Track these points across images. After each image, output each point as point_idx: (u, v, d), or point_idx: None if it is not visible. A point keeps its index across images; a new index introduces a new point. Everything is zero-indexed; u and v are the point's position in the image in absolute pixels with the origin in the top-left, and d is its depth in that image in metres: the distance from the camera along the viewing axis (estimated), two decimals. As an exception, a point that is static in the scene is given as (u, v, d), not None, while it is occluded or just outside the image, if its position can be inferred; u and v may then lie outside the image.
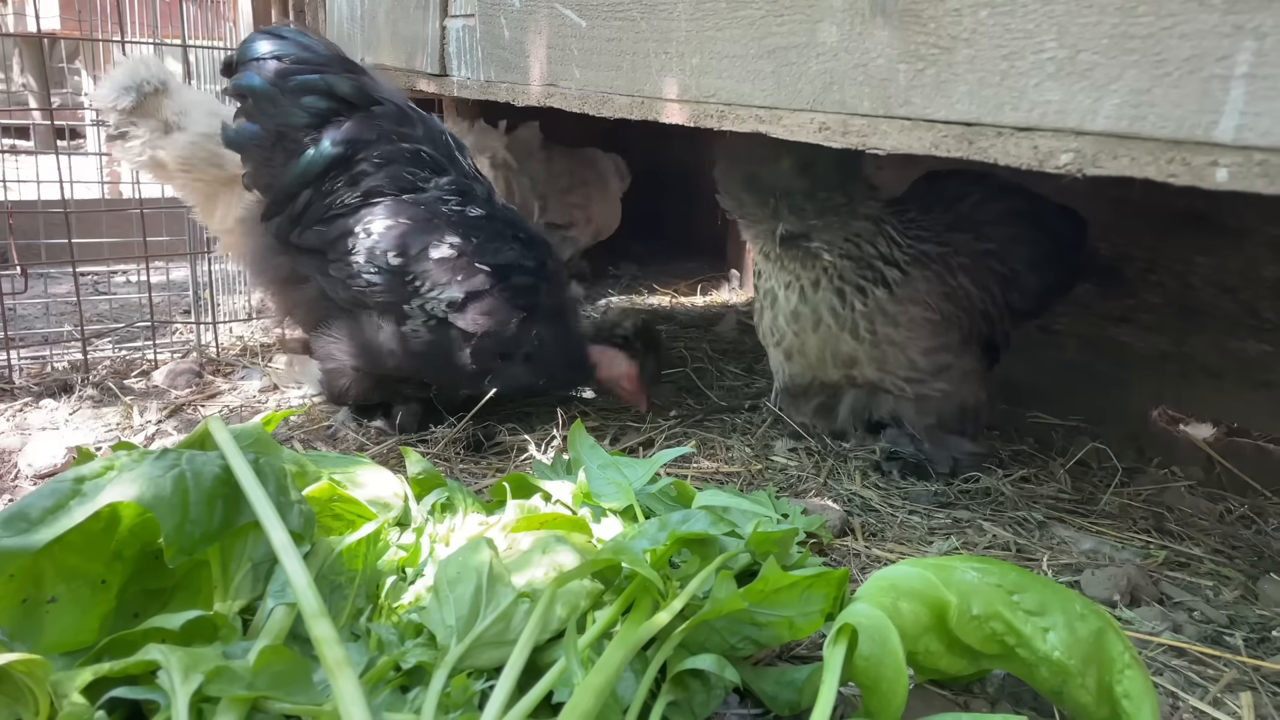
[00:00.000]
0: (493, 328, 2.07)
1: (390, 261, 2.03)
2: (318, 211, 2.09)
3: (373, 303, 2.09)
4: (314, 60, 2.06)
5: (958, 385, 2.10)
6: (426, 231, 2.05)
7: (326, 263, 2.11)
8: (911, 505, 1.98)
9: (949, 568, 1.30)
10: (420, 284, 2.04)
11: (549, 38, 1.95)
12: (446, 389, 2.22)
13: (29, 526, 1.14)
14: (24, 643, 1.20)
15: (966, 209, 2.20)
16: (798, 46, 1.41)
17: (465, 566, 1.25)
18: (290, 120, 2.05)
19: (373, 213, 2.06)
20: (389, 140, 2.08)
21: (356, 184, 2.07)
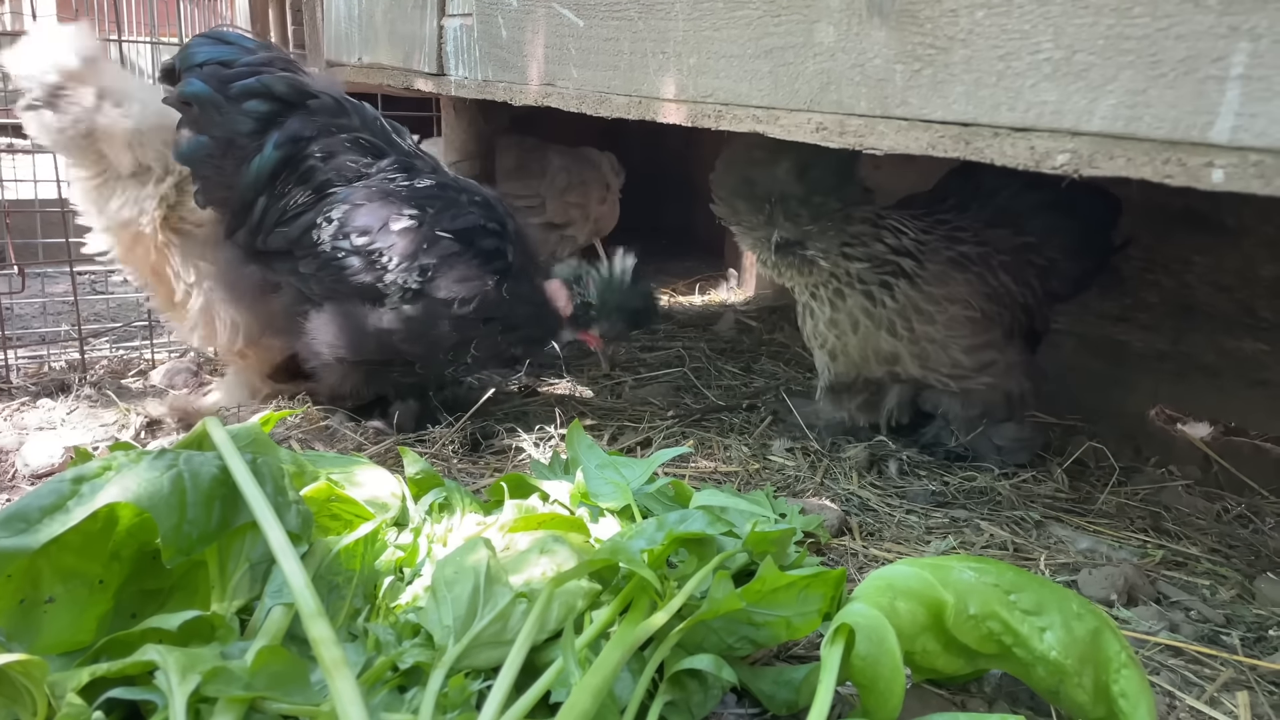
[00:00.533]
0: (468, 292, 2.06)
1: (355, 243, 2.04)
2: (275, 215, 2.10)
3: (348, 289, 2.08)
4: (253, 62, 2.06)
5: (1002, 378, 2.13)
6: (383, 208, 2.05)
7: (296, 261, 2.11)
8: (909, 505, 1.99)
9: (946, 567, 1.30)
10: (388, 259, 2.04)
11: (546, 37, 1.95)
12: (434, 366, 2.20)
13: (27, 527, 1.14)
14: (21, 643, 1.20)
15: (1004, 201, 2.21)
16: (795, 47, 1.41)
17: (463, 566, 1.25)
18: (237, 127, 2.05)
19: (328, 202, 2.07)
20: (328, 133, 2.09)
21: (307, 180, 2.09)
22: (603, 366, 2.44)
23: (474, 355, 2.15)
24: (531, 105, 2.06)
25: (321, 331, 2.13)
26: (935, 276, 2.06)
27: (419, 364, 2.17)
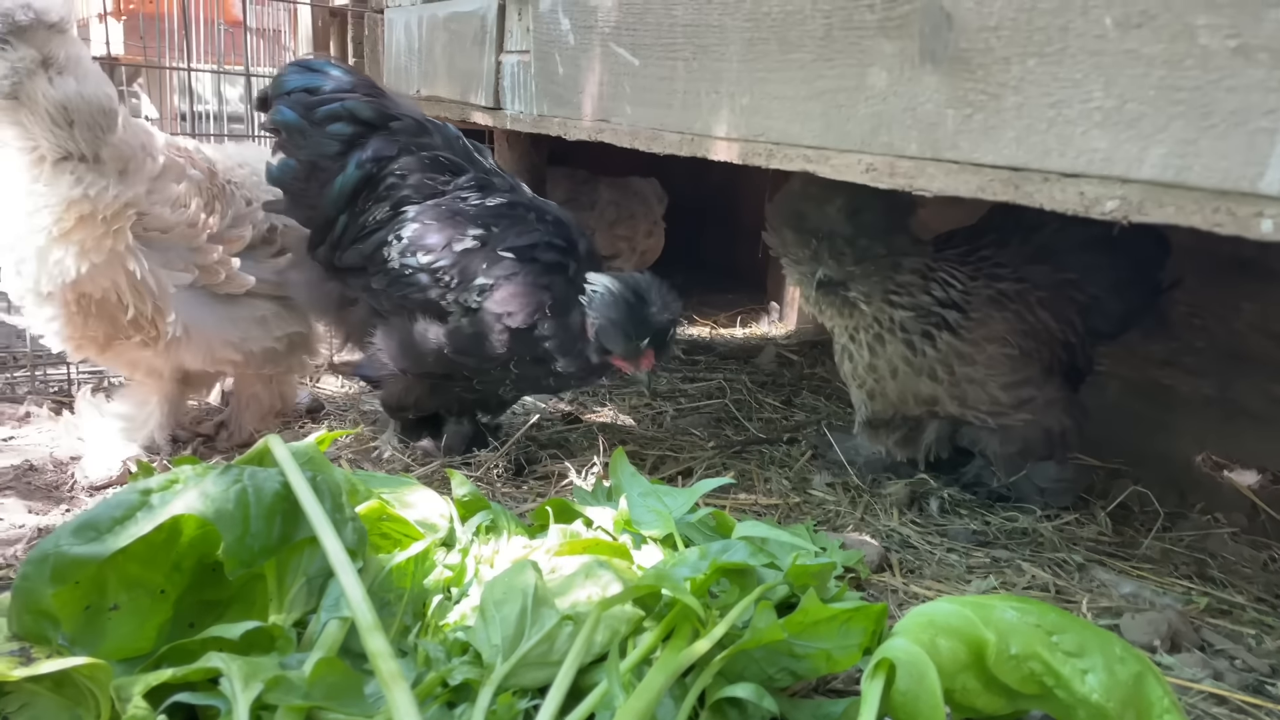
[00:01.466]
0: (523, 309, 2.06)
1: (421, 261, 2.08)
2: (354, 232, 2.17)
3: (412, 305, 2.13)
4: (339, 88, 2.14)
5: (1041, 414, 2.14)
6: (449, 228, 2.09)
7: (368, 277, 2.17)
8: (950, 543, 1.99)
9: (988, 606, 1.31)
10: (450, 278, 2.07)
11: (602, 75, 2.00)
12: (489, 383, 2.20)
13: (98, 535, 1.19)
14: (84, 648, 1.25)
15: (1045, 238, 2.22)
16: (847, 90, 1.45)
17: (511, 588, 1.28)
18: (321, 150, 2.14)
19: (401, 220, 2.13)
20: (409, 152, 2.16)
21: (385, 198, 2.15)
22: (644, 392, 2.42)
23: (518, 375, 2.15)
24: (585, 140, 2.11)
25: (388, 344, 2.18)
26: (976, 320, 2.07)
27: (477, 380, 2.18)
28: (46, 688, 1.21)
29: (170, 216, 2.12)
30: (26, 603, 1.19)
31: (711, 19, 1.68)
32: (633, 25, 1.88)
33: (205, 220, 2.18)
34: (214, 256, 2.19)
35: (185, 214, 2.15)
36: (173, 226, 2.13)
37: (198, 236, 2.17)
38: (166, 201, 2.12)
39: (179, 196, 2.15)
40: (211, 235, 2.19)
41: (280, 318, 2.35)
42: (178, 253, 2.16)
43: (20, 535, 1.91)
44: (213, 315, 2.23)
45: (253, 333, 2.28)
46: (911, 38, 1.34)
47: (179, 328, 2.13)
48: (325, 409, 2.70)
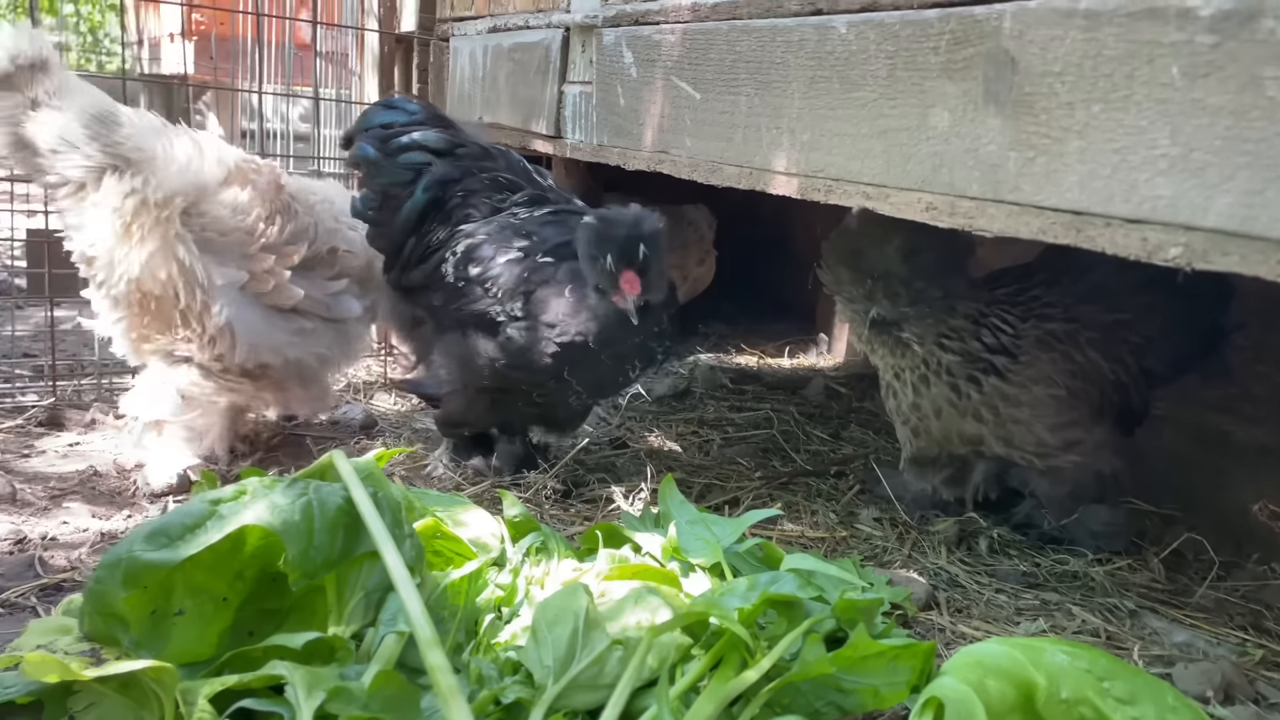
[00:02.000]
0: (565, 314, 2.06)
1: (471, 273, 2.14)
2: (419, 252, 2.25)
3: (466, 318, 2.18)
4: (411, 122, 2.25)
5: (1091, 456, 2.12)
6: (497, 241, 2.16)
7: (430, 294, 2.24)
8: (999, 584, 1.97)
9: (1038, 649, 1.30)
10: (496, 290, 2.12)
11: (663, 107, 2.04)
12: (551, 394, 2.20)
13: (169, 542, 1.23)
14: (148, 651, 1.29)
15: (1099, 278, 2.20)
16: (909, 129, 1.46)
17: (563, 610, 1.30)
18: (394, 179, 2.24)
19: (458, 236, 2.20)
20: (471, 174, 2.24)
21: (448, 219, 2.24)
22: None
23: (581, 379, 2.13)
24: (644, 170, 2.14)
25: (446, 360, 2.24)
26: (1024, 363, 2.06)
27: (536, 393, 2.20)
28: (113, 689, 1.25)
29: (229, 220, 2.22)
30: (98, 605, 1.24)
31: (775, 56, 1.71)
32: (696, 60, 1.92)
33: (263, 229, 2.27)
34: (265, 265, 2.27)
35: (244, 221, 2.24)
36: (230, 230, 2.23)
37: (253, 243, 2.26)
38: (227, 205, 2.23)
39: (241, 204, 2.25)
40: (266, 245, 2.27)
41: (320, 336, 2.41)
42: (231, 255, 2.25)
43: (84, 539, 1.97)
44: (259, 319, 2.29)
45: (293, 341, 2.35)
46: (975, 80, 1.36)
47: (223, 319, 2.19)
48: (379, 425, 2.75)
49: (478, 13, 2.85)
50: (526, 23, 2.58)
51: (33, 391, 2.78)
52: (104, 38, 16.44)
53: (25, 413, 2.62)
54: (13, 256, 4.22)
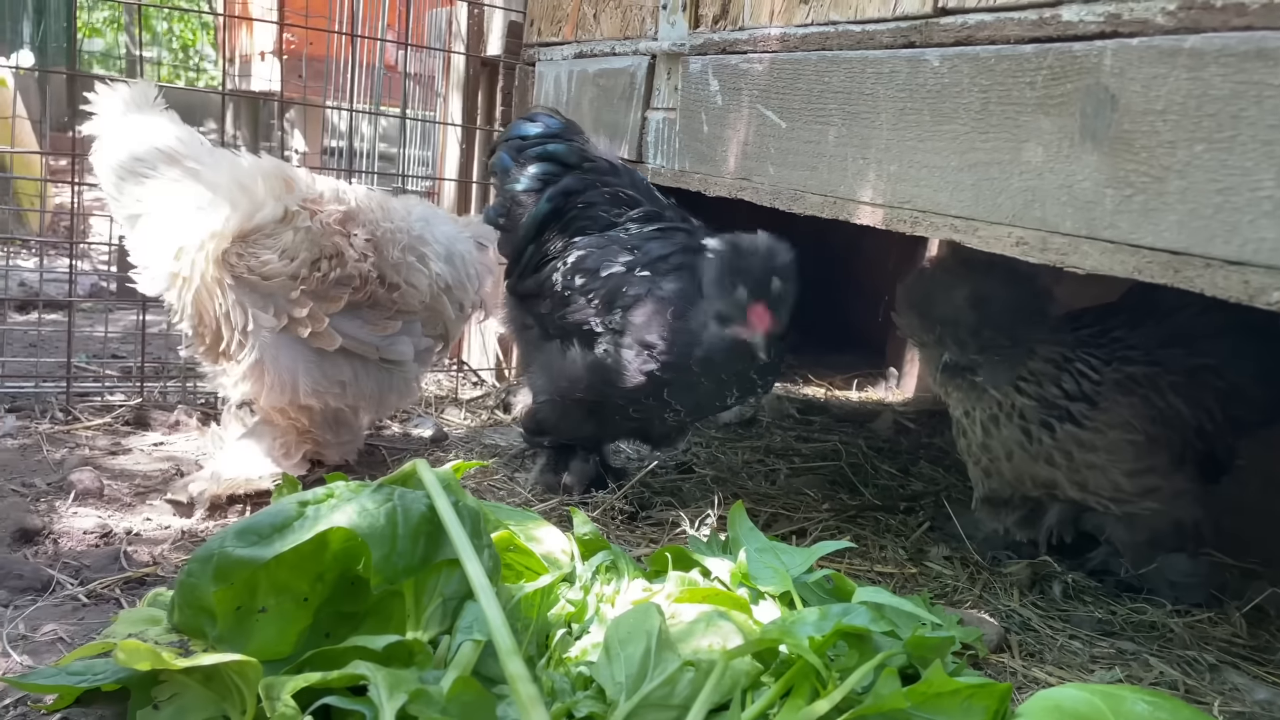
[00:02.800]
0: (663, 332, 2.05)
1: (576, 283, 2.18)
2: (536, 260, 2.31)
3: (569, 328, 2.22)
4: (545, 134, 2.33)
5: (1169, 504, 2.06)
6: (603, 254, 2.19)
7: (540, 302, 2.30)
8: (1073, 630, 1.93)
9: (1118, 696, 1.27)
10: (598, 301, 2.15)
11: (746, 135, 2.05)
12: (647, 409, 2.19)
13: (258, 540, 1.27)
14: (231, 646, 1.32)
15: (1184, 321, 2.14)
16: (1001, 163, 1.46)
17: (635, 628, 1.31)
18: (523, 188, 2.32)
19: (570, 248, 2.25)
20: (594, 188, 2.29)
21: (566, 230, 2.29)
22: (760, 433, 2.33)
23: (677, 399, 2.12)
24: (724, 196, 2.16)
25: (545, 366, 2.29)
26: (1102, 408, 2.01)
27: (633, 408, 2.20)
28: (197, 680, 1.29)
29: (275, 264, 2.15)
30: (189, 598, 1.28)
31: (864, 87, 1.72)
32: (782, 89, 1.93)
33: (305, 275, 2.18)
34: (305, 310, 2.19)
35: (289, 265, 2.16)
36: (273, 275, 2.16)
37: (295, 288, 2.18)
38: (274, 249, 2.16)
39: (288, 247, 2.17)
40: (308, 290, 2.19)
41: (364, 380, 2.34)
42: (272, 298, 2.19)
43: (167, 535, 2.03)
44: (295, 359, 2.23)
45: (334, 388, 2.29)
46: (1072, 116, 1.35)
47: (253, 358, 2.17)
48: (449, 439, 2.79)
49: (564, 39, 2.90)
50: (613, 49, 2.63)
51: (121, 391, 2.88)
52: (194, 54, 17.05)
53: (113, 411, 2.71)
54: (105, 262, 4.38)
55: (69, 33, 7.87)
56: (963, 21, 1.56)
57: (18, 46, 6.33)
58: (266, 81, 6.69)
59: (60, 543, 1.93)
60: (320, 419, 2.36)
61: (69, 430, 2.57)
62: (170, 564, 1.89)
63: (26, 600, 1.69)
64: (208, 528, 2.09)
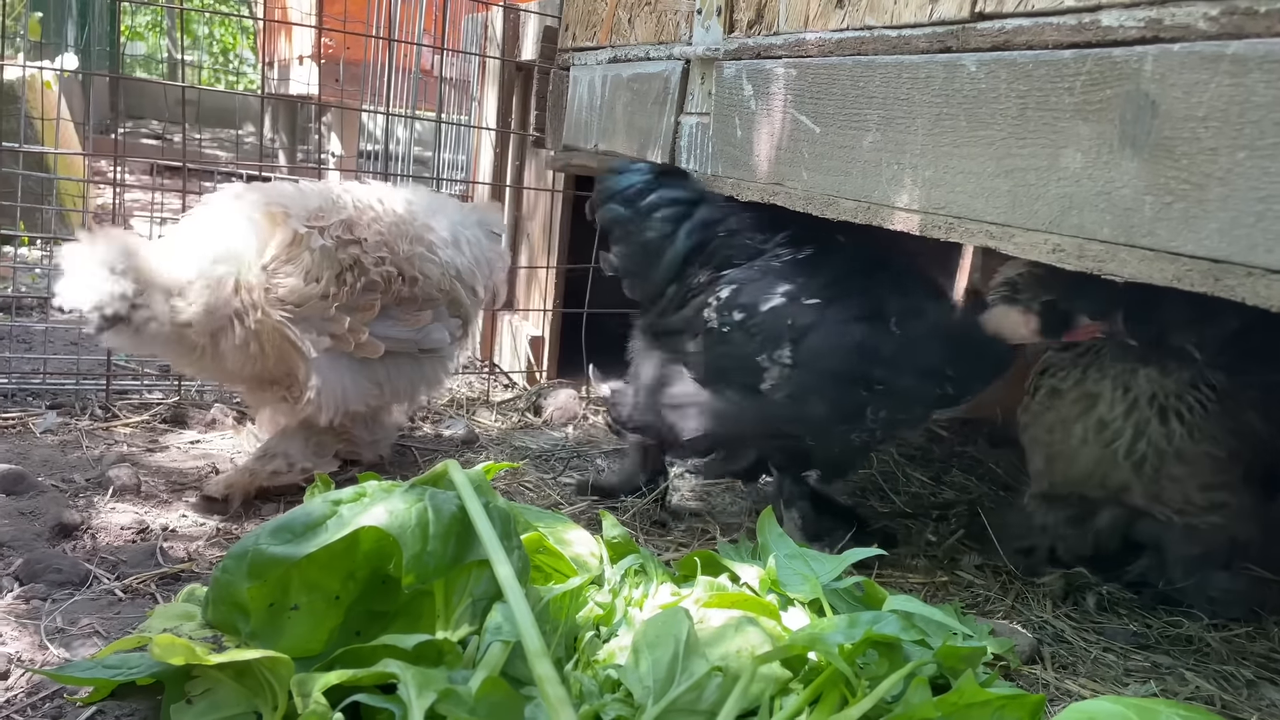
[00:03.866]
0: (838, 354, 2.01)
1: (734, 318, 2.11)
2: (680, 297, 2.24)
3: (728, 363, 2.14)
4: (651, 177, 2.31)
5: (1231, 520, 2.03)
6: (760, 286, 2.12)
7: (687, 341, 2.21)
8: (1107, 642, 1.90)
9: (1154, 711, 1.25)
10: (762, 336, 2.07)
11: (780, 140, 2.05)
12: (828, 439, 2.14)
13: (292, 538, 1.28)
14: (263, 643, 1.33)
15: (1262, 335, 2.03)
16: (1038, 169, 1.44)
17: (664, 632, 1.31)
18: (654, 233, 2.26)
19: (719, 282, 2.18)
20: (731, 216, 2.24)
21: (709, 262, 2.22)
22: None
23: (875, 418, 2.07)
24: (756, 200, 2.15)
25: (702, 405, 2.19)
26: (1207, 416, 1.98)
27: (809, 438, 2.15)
28: (230, 675, 1.30)
29: (303, 290, 2.14)
30: (223, 594, 1.30)
31: (900, 92, 1.71)
32: (817, 94, 1.92)
33: (334, 292, 2.18)
34: (343, 327, 2.20)
35: (317, 288, 2.16)
36: (305, 300, 2.15)
37: (329, 309, 2.18)
38: (299, 273, 2.15)
39: (310, 268, 2.16)
40: (341, 306, 2.20)
41: (402, 375, 2.37)
42: (312, 323, 2.18)
43: (202, 532, 2.06)
44: (346, 373, 2.25)
45: (372, 391, 2.31)
46: (1111, 122, 1.33)
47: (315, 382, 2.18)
48: (480, 440, 2.81)
49: (599, 43, 2.91)
50: (647, 54, 2.63)
51: (158, 389, 2.93)
52: (234, 58, 17.30)
53: (151, 409, 2.75)
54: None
55: (112, 37, 8.01)
56: (1000, 26, 1.54)
57: (62, 50, 6.45)
58: (304, 85, 6.77)
59: (98, 538, 1.96)
60: (358, 419, 2.38)
61: (108, 427, 2.62)
62: (205, 560, 1.92)
63: (64, 594, 1.72)
64: (242, 525, 2.12)
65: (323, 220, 2.21)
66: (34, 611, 1.64)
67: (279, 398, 2.28)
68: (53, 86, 4.47)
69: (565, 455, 2.71)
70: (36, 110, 4.37)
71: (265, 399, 2.36)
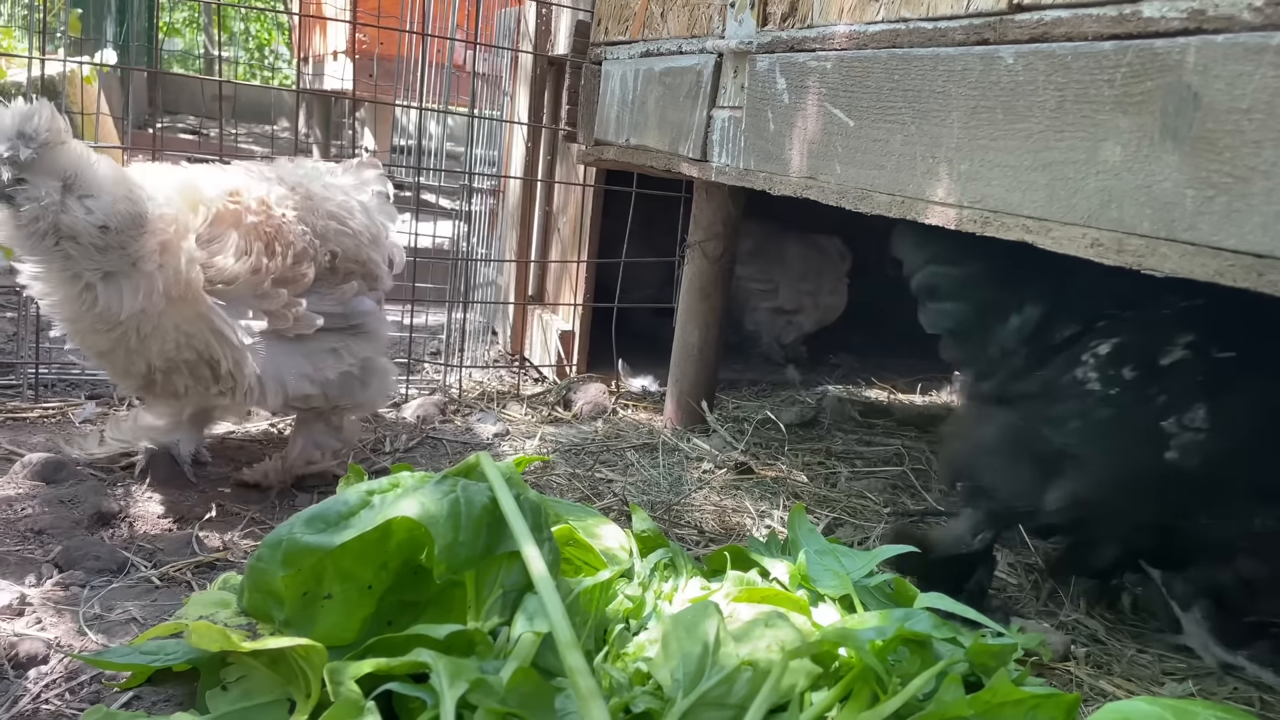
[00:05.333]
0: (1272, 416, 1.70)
1: (1124, 377, 1.81)
2: (1035, 357, 1.99)
3: (1114, 430, 1.84)
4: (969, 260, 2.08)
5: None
6: (1150, 338, 1.84)
7: (1046, 405, 1.93)
8: (1142, 643, 1.88)
9: (1190, 712, 1.24)
10: (1163, 396, 1.77)
11: (813, 133, 2.04)
12: (1239, 524, 1.80)
13: (326, 527, 1.29)
14: (297, 632, 1.35)
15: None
16: (1076, 163, 1.42)
17: (693, 626, 1.31)
18: (991, 296, 2.06)
19: (1091, 334, 1.90)
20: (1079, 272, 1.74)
21: (1072, 315, 1.97)
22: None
23: None
24: (789, 195, 2.14)
25: (1071, 474, 1.88)
26: None
27: (1214, 518, 1.82)
28: (264, 663, 1.32)
29: (234, 266, 2.01)
30: (258, 582, 1.31)
31: (935, 85, 1.69)
32: (851, 87, 1.91)
33: (266, 265, 2.06)
34: (279, 303, 2.08)
35: (248, 262, 2.03)
36: (237, 277, 2.02)
37: (262, 283, 2.05)
38: (229, 250, 2.02)
39: (239, 245, 2.03)
40: (275, 279, 2.07)
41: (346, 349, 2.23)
42: (244, 302, 2.05)
43: (237, 521, 2.08)
44: (282, 355, 2.12)
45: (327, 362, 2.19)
46: (1152, 115, 1.31)
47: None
48: (509, 434, 2.82)
49: (631, 37, 2.91)
50: (680, 48, 2.63)
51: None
52: (269, 54, 17.47)
53: (187, 400, 2.78)
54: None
55: (150, 33, 8.12)
56: (1039, 18, 1.53)
57: (101, 45, 6.55)
58: (339, 81, 6.83)
59: (135, 526, 1.99)
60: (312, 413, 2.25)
61: (145, 417, 2.65)
62: (240, 550, 1.94)
63: (102, 581, 1.74)
64: (275, 515, 2.14)
65: (239, 198, 2.08)
66: (72, 598, 1.67)
67: (211, 395, 2.11)
68: (93, 82, 4.53)
69: (595, 449, 2.71)
70: (76, 105, 4.44)
71: (168, 399, 2.19)
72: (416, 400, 2.93)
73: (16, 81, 4.27)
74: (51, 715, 1.32)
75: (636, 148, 2.84)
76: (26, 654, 1.45)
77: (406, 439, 2.65)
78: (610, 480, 2.47)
